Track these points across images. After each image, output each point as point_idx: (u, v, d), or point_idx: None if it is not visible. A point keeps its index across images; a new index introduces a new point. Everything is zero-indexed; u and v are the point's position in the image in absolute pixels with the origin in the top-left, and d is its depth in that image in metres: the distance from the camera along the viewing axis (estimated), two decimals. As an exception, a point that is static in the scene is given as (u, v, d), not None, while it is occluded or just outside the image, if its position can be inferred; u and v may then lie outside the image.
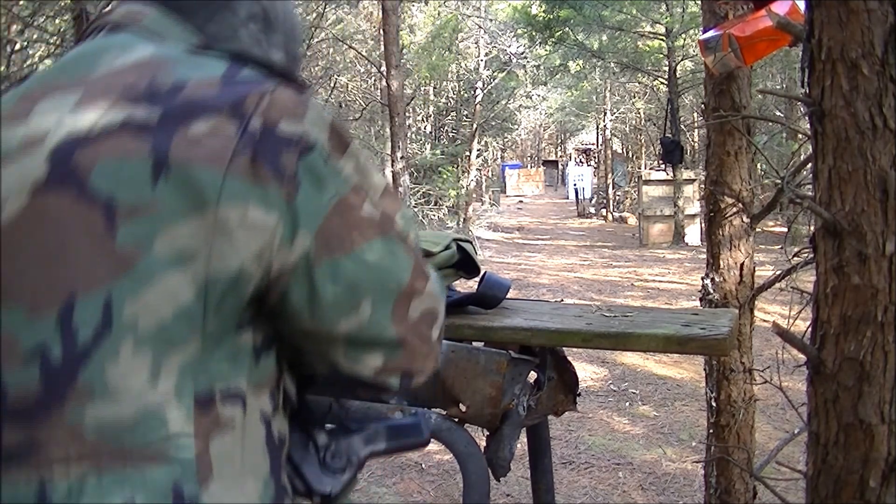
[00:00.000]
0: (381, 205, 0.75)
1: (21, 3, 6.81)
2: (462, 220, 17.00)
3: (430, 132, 20.02)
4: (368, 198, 0.74)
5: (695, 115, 20.32)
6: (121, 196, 0.66)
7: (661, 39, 15.13)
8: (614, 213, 23.29)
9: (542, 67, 19.85)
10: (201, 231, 0.66)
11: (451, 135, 20.11)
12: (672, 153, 11.85)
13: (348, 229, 0.72)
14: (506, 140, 31.16)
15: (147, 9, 0.83)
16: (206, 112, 0.69)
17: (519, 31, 16.67)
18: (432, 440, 1.47)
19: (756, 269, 2.67)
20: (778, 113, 14.60)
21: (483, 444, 1.46)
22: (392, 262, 0.75)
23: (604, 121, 24.40)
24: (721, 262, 2.61)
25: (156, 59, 0.75)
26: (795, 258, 2.26)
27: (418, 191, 14.83)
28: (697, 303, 2.77)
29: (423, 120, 19.83)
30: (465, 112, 19.46)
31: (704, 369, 2.77)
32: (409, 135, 13.99)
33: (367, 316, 0.74)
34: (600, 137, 27.49)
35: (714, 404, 2.63)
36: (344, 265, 0.72)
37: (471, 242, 1.66)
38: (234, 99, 0.70)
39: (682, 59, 15.37)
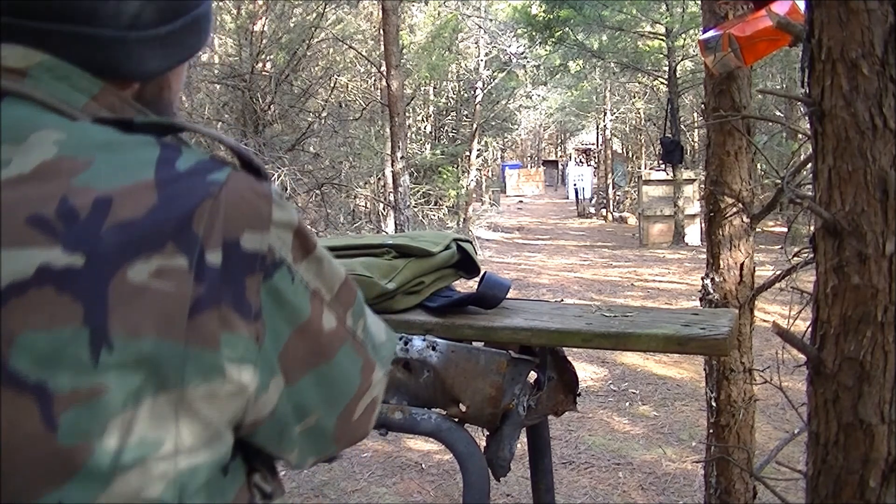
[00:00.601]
0: (335, 306, 0.66)
1: None
2: (462, 220, 17.00)
3: (430, 132, 20.01)
4: (325, 304, 0.65)
5: (695, 115, 20.32)
6: (54, 380, 0.51)
7: (661, 39, 15.14)
8: (614, 213, 23.30)
9: (542, 67, 19.85)
10: (164, 416, 0.54)
11: (451, 135, 20.11)
12: (672, 153, 11.86)
13: (310, 352, 0.64)
14: (506, 140, 31.16)
15: (31, 54, 0.60)
16: (145, 246, 0.54)
17: (519, 31, 16.68)
18: (432, 440, 1.47)
19: (756, 269, 2.67)
20: (778, 113, 14.60)
21: (483, 444, 1.46)
22: (346, 373, 0.68)
23: (604, 121, 24.40)
24: (721, 262, 2.61)
25: (63, 157, 0.56)
26: (795, 258, 2.26)
27: (418, 191, 14.83)
28: (697, 303, 2.77)
29: (423, 120, 19.82)
30: (465, 112, 19.46)
31: (704, 369, 2.77)
32: (409, 135, 14.00)
33: (313, 424, 0.67)
34: (600, 137, 27.49)
35: (714, 404, 2.63)
36: (302, 389, 0.64)
37: (471, 242, 1.66)
38: (180, 219, 0.55)
39: (682, 59, 15.37)
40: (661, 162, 15.82)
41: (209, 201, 0.56)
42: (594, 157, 32.79)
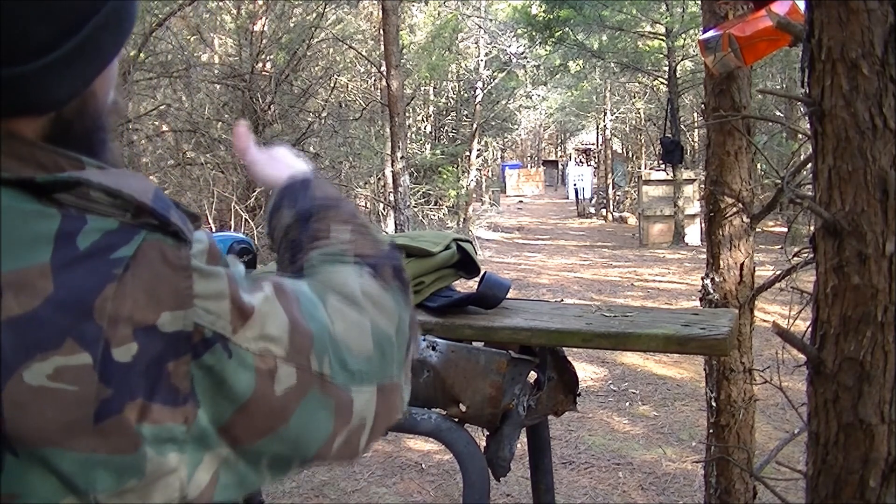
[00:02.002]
0: (293, 356, 0.58)
1: None
2: (462, 220, 17.00)
3: (430, 132, 20.02)
4: (278, 361, 0.57)
5: (695, 115, 20.33)
6: None
7: (661, 39, 15.14)
8: (614, 213, 23.30)
9: (542, 67, 19.86)
10: None
11: (451, 135, 20.12)
12: (672, 153, 11.85)
13: (261, 421, 0.56)
14: (506, 140, 31.17)
15: None
16: (41, 345, 0.48)
17: (519, 31, 16.68)
18: (432, 440, 1.47)
19: (756, 269, 2.68)
20: (778, 113, 14.60)
21: (483, 444, 1.46)
22: (310, 425, 0.60)
23: (604, 121, 24.40)
24: (721, 262, 2.61)
25: None
26: (795, 258, 2.26)
27: (418, 191, 14.83)
28: (697, 303, 2.77)
29: (423, 120, 19.83)
30: (465, 112, 19.47)
31: (704, 369, 2.77)
32: (409, 135, 14.00)
33: (279, 459, 0.61)
34: (600, 137, 27.50)
35: (714, 404, 2.63)
36: (258, 449, 0.57)
37: (471, 242, 1.66)
38: (78, 310, 0.49)
39: (682, 59, 15.38)
40: (661, 162, 15.82)
41: (112, 287, 0.49)
42: (594, 157, 32.80)
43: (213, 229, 8.03)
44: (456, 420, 1.43)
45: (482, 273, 1.59)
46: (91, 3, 0.56)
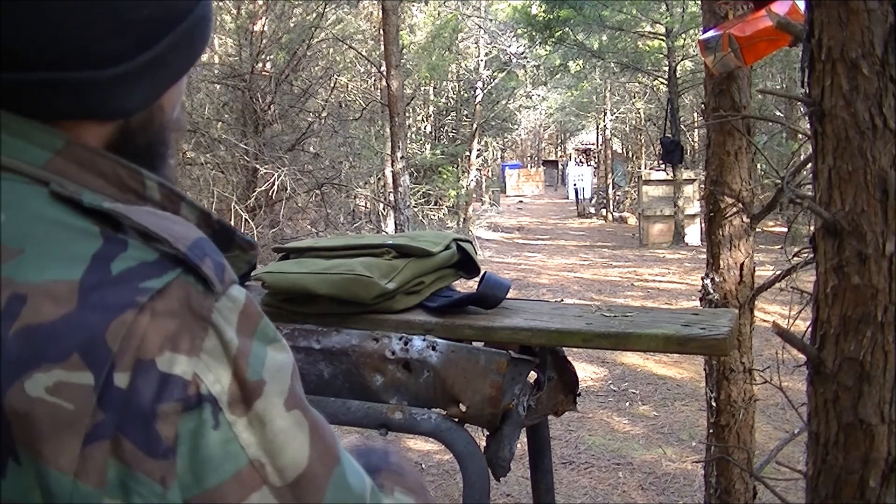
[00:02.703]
0: (283, 497, 0.51)
1: None
2: (462, 220, 17.00)
3: (430, 132, 20.02)
4: (267, 484, 0.51)
5: (695, 115, 20.33)
6: None
7: (661, 39, 15.15)
8: (614, 213, 23.30)
9: (542, 67, 19.87)
10: None
11: (451, 135, 20.12)
12: (672, 153, 11.86)
13: None
14: (506, 140, 31.19)
15: None
16: (47, 356, 0.47)
17: (519, 31, 16.69)
18: (432, 440, 1.47)
19: (756, 269, 2.68)
20: (778, 113, 14.61)
21: (483, 444, 1.46)
22: None
23: (604, 121, 24.41)
24: (721, 262, 2.61)
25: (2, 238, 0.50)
26: (795, 258, 2.27)
27: (418, 191, 14.83)
28: (697, 303, 2.78)
29: (423, 120, 19.83)
30: (465, 112, 19.48)
31: (704, 369, 2.77)
32: (409, 135, 14.00)
33: None
34: (600, 137, 27.50)
35: (714, 404, 2.63)
36: None
37: (471, 242, 1.66)
38: (93, 328, 0.48)
39: (682, 59, 15.38)
40: (661, 162, 15.83)
41: (132, 313, 0.48)
42: (594, 157, 32.80)
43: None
44: (456, 420, 1.43)
45: (482, 273, 1.58)
46: (168, 21, 0.58)
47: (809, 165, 1.73)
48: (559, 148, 48.91)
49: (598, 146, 29.68)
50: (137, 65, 0.56)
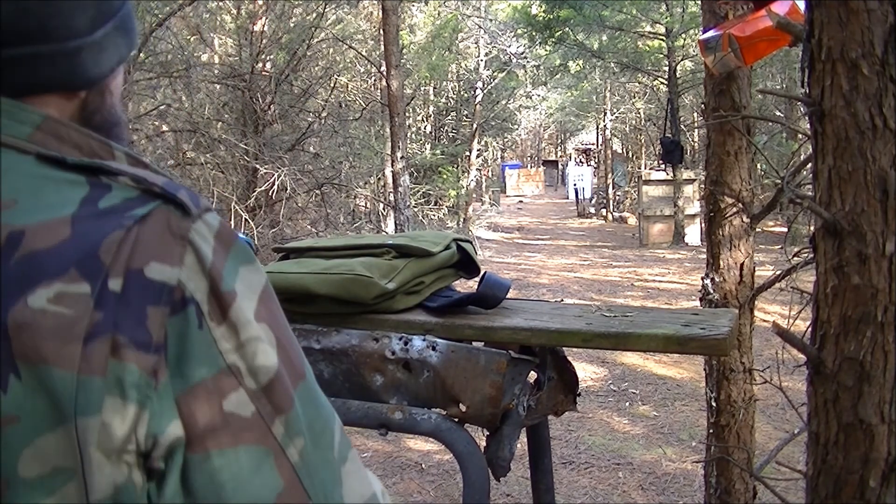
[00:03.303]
0: (259, 399, 0.57)
1: None
2: (462, 220, 17.00)
3: (430, 132, 20.02)
4: (243, 386, 0.57)
5: (695, 115, 20.33)
6: None
7: (661, 39, 15.14)
8: (614, 213, 23.30)
9: (542, 67, 19.87)
10: (68, 447, 0.53)
11: (451, 135, 20.12)
12: (672, 153, 11.85)
13: (211, 423, 0.56)
14: (506, 140, 31.18)
15: None
16: (48, 273, 0.54)
17: (519, 31, 16.68)
18: (432, 440, 1.47)
19: (756, 269, 2.68)
20: (778, 113, 14.61)
21: (483, 444, 1.46)
22: (246, 481, 0.57)
23: (604, 121, 24.41)
24: (721, 262, 2.61)
25: None
26: (795, 258, 2.27)
27: (418, 191, 14.83)
28: (697, 303, 2.78)
29: (423, 120, 19.83)
30: (465, 112, 19.48)
31: (704, 369, 2.77)
32: (409, 135, 14.00)
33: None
34: (600, 137, 27.50)
35: (714, 404, 2.63)
36: (196, 466, 0.56)
37: (471, 242, 1.66)
38: (87, 247, 0.54)
39: (682, 59, 15.38)
40: (661, 162, 15.82)
41: (120, 233, 0.55)
42: (594, 157, 32.80)
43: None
44: (456, 420, 1.43)
45: (482, 273, 1.58)
46: (110, 7, 0.66)
47: (809, 165, 1.73)
48: (559, 148, 48.90)
49: (598, 146, 29.68)
50: (93, 40, 0.65)
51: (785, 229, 10.34)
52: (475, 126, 18.31)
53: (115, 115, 0.71)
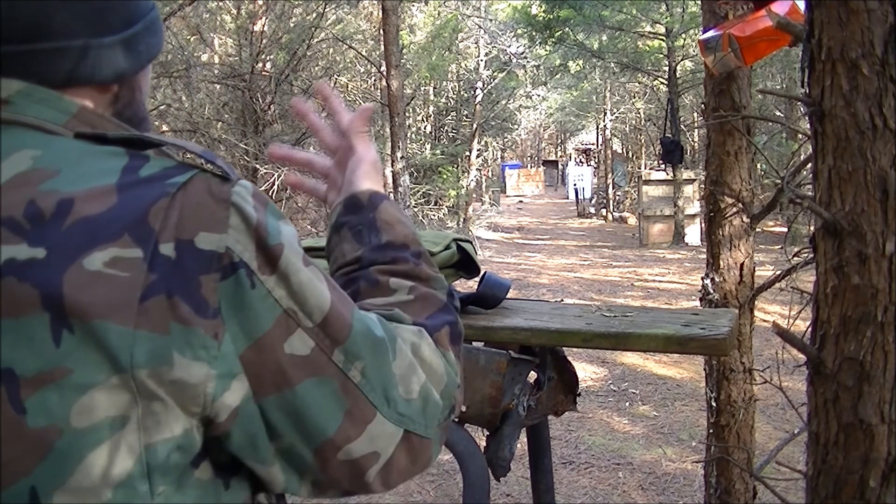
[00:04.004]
0: (316, 335, 0.63)
1: None
2: (462, 220, 17.00)
3: (430, 132, 20.02)
4: (301, 327, 0.63)
5: (695, 115, 20.33)
6: (21, 364, 0.55)
7: (661, 39, 15.14)
8: (614, 213, 23.29)
9: (542, 67, 19.85)
10: (123, 398, 0.56)
11: (451, 135, 20.12)
12: (672, 153, 11.85)
13: (276, 368, 0.62)
14: (506, 140, 31.17)
15: (8, 83, 0.64)
16: (102, 238, 0.57)
17: (519, 31, 16.67)
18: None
19: (756, 269, 2.68)
20: (778, 113, 14.61)
21: (483, 444, 1.46)
22: (316, 409, 0.64)
23: (604, 121, 24.40)
24: (721, 262, 2.61)
25: (35, 169, 0.60)
26: (795, 258, 2.27)
27: (418, 191, 14.82)
28: (697, 303, 2.77)
29: (423, 120, 19.83)
30: (465, 112, 19.47)
31: (704, 369, 2.77)
32: (409, 135, 13.99)
33: (287, 447, 0.65)
34: (600, 137, 27.50)
35: (714, 404, 2.63)
36: (267, 408, 0.62)
37: (471, 242, 1.66)
38: (136, 213, 0.58)
39: (682, 59, 15.37)
40: (661, 162, 15.82)
41: (165, 200, 0.59)
42: (594, 157, 32.80)
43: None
44: (456, 420, 1.43)
45: (482, 273, 1.58)
46: (141, 6, 0.71)
47: (809, 165, 1.73)
48: (559, 148, 48.90)
49: (598, 146, 29.67)
50: (125, 38, 0.69)
51: (785, 229, 10.34)
52: (475, 126, 18.30)
53: (143, 110, 0.76)
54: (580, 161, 37.09)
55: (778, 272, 2.55)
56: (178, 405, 0.58)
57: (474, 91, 18.45)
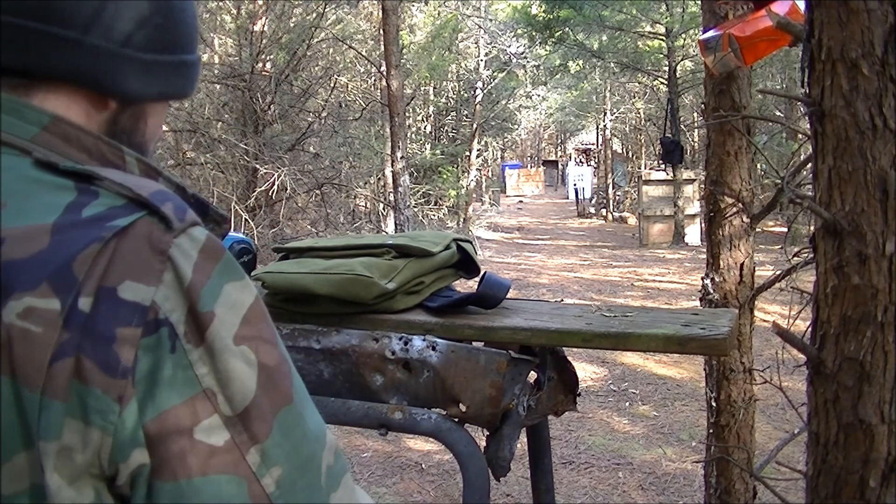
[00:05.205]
0: (234, 426, 0.55)
1: None
2: (462, 220, 17.00)
3: (430, 132, 20.02)
4: (218, 413, 0.54)
5: (695, 115, 20.33)
6: None
7: (661, 39, 15.14)
8: (614, 213, 23.29)
9: (542, 67, 19.86)
10: (33, 470, 0.52)
11: (451, 135, 20.12)
12: (672, 153, 11.86)
13: (179, 452, 0.53)
14: (506, 140, 31.19)
15: None
16: (19, 286, 0.52)
17: (519, 31, 16.68)
18: (432, 440, 1.47)
19: (756, 269, 2.68)
20: (778, 113, 14.61)
21: (483, 444, 1.46)
22: None
23: (604, 121, 24.40)
24: (721, 262, 2.61)
25: None
26: (795, 258, 2.26)
27: (418, 191, 14.82)
28: (697, 303, 2.77)
29: (423, 120, 19.83)
30: (465, 112, 19.47)
31: (704, 369, 2.77)
32: (409, 135, 14.00)
33: None
34: (600, 137, 27.50)
35: (714, 404, 2.63)
36: (161, 493, 0.54)
37: (471, 242, 1.66)
38: (61, 260, 0.52)
39: (682, 59, 15.37)
40: (661, 162, 15.82)
41: (97, 245, 0.53)
42: (594, 157, 32.79)
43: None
44: (456, 420, 1.43)
45: (482, 273, 1.58)
46: (175, 43, 0.68)
47: (809, 165, 1.73)
48: (559, 148, 48.90)
49: (598, 146, 29.67)
50: (145, 59, 0.65)
51: (785, 229, 10.34)
52: (475, 126, 18.31)
53: (146, 147, 0.70)
54: (580, 161, 37.08)
55: (778, 272, 2.55)
56: (74, 479, 0.52)
57: (474, 91, 18.45)
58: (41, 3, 0.60)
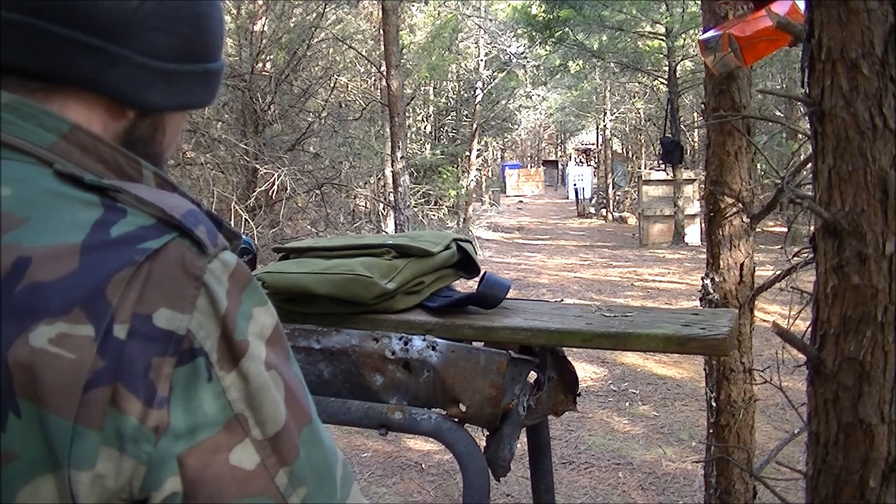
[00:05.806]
0: (264, 450, 0.56)
1: None
2: (462, 220, 17.00)
3: (430, 132, 20.02)
4: (250, 438, 0.55)
5: (695, 115, 20.33)
6: None
7: (661, 39, 15.14)
8: (614, 213, 23.29)
9: (542, 67, 19.86)
10: (63, 492, 0.51)
11: (451, 135, 20.12)
12: (672, 153, 11.84)
13: (214, 479, 0.54)
14: (506, 140, 31.19)
15: None
16: (51, 310, 0.51)
17: (519, 31, 16.68)
18: (432, 440, 1.47)
19: (756, 269, 2.67)
20: (778, 113, 14.60)
21: (483, 444, 1.46)
22: None
23: (604, 121, 24.40)
24: (721, 262, 2.61)
25: (4, 212, 0.54)
26: (795, 258, 2.26)
27: (418, 191, 14.82)
28: (697, 303, 2.77)
29: (423, 120, 19.83)
30: (465, 112, 19.48)
31: (704, 369, 2.77)
32: (409, 135, 14.00)
33: None
34: (600, 137, 27.49)
35: (714, 404, 2.63)
36: None
37: (471, 242, 1.66)
38: (94, 284, 0.51)
39: (682, 59, 15.37)
40: (661, 162, 15.82)
41: (130, 270, 0.52)
42: (594, 157, 32.79)
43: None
44: (456, 420, 1.43)
45: (482, 273, 1.58)
46: (199, 53, 0.66)
47: (809, 165, 1.73)
48: (559, 148, 48.90)
49: (598, 146, 29.66)
50: (166, 69, 0.64)
51: (785, 229, 10.34)
52: (475, 126, 18.31)
53: (161, 158, 0.69)
54: (580, 161, 37.09)
55: (778, 272, 2.55)
56: (108, 495, 0.52)
57: (474, 91, 18.45)
58: (65, 6, 0.58)
